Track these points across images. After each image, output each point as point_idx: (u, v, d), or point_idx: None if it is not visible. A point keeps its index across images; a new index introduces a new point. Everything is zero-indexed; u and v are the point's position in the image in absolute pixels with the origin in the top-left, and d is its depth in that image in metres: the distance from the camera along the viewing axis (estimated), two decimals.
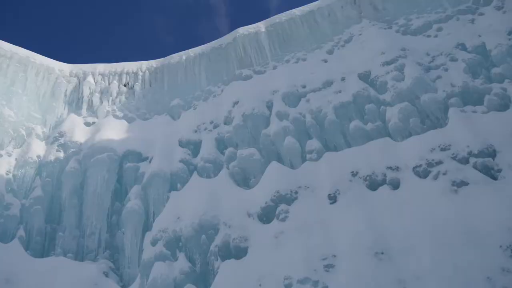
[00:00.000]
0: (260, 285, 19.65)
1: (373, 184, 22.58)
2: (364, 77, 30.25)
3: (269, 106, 31.52)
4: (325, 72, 32.39)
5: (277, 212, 23.03)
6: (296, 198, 23.32)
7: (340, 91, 29.97)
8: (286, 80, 33.04)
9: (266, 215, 23.61)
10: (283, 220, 22.44)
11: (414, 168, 22.28)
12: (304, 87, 31.95)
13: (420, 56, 29.44)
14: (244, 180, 27.80)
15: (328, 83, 31.29)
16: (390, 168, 22.82)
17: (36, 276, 26.85)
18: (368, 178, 22.90)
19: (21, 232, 29.86)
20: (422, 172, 21.95)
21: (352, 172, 23.41)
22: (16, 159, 33.37)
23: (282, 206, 23.06)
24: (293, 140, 28.04)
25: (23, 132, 35.28)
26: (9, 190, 31.34)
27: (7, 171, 32.20)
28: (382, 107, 27.68)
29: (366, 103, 28.25)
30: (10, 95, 36.32)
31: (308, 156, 26.85)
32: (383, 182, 22.48)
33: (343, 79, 30.98)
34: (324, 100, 29.96)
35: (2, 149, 33.53)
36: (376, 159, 23.56)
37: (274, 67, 35.61)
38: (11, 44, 39.31)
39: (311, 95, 30.92)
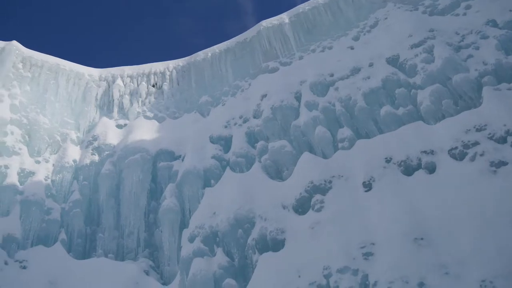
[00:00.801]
0: (299, 276, 19.61)
1: (408, 169, 22.19)
2: (393, 61, 29.75)
3: (298, 97, 31.36)
4: (352, 59, 31.99)
5: (312, 203, 22.90)
6: (330, 188, 23.13)
7: (368, 77, 29.56)
8: (313, 69, 32.78)
9: (301, 206, 23.52)
10: (319, 210, 22.30)
11: (449, 150, 21.78)
12: (331, 75, 31.63)
13: (449, 36, 28.72)
14: (277, 173, 27.78)
15: (356, 70, 30.90)
16: (425, 152, 22.35)
17: (79, 277, 27.54)
18: (402, 163, 22.51)
19: (62, 235, 30.70)
20: (458, 155, 21.43)
21: (386, 158, 23.06)
22: (53, 164, 34.24)
23: (317, 197, 22.92)
24: (324, 130, 27.84)
25: (58, 138, 36.12)
26: (49, 195, 32.18)
27: (46, 176, 33.05)
28: (413, 90, 27.17)
29: (396, 88, 27.78)
30: (44, 102, 37.26)
31: (340, 145, 26.61)
32: (418, 167, 22.06)
33: (371, 64, 30.53)
34: (353, 87, 29.60)
35: (40, 156, 34.43)
36: (410, 143, 23.14)
37: (300, 58, 35.37)
38: (41, 53, 40.25)
39: (340, 83, 30.59)
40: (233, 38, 40.54)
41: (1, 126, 33.52)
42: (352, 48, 33.36)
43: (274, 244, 22.40)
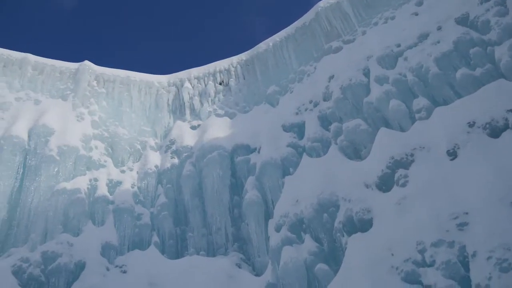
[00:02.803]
0: (392, 254, 19.08)
1: (495, 131, 20.87)
2: (462, 20, 28.12)
3: (366, 73, 30.53)
4: (418, 26, 30.60)
5: (395, 178, 22.18)
6: (413, 161, 22.27)
7: (438, 42, 28.16)
8: (378, 43, 31.75)
9: (385, 183, 22.86)
10: (404, 185, 21.57)
11: None
12: (398, 46, 30.48)
13: None
14: (355, 152, 27.26)
15: (423, 36, 29.54)
16: (511, 110, 20.97)
17: (176, 276, 28.66)
18: (487, 126, 21.21)
19: (155, 238, 32.13)
20: None
21: (469, 123, 21.83)
22: (137, 172, 35.91)
23: (400, 171, 22.16)
24: (398, 102, 26.91)
25: (139, 147, 37.84)
26: (137, 202, 33.81)
27: (132, 184, 34.75)
28: (488, 48, 25.54)
29: (470, 48, 26.24)
30: (120, 115, 39.16)
31: (417, 115, 25.57)
32: (505, 127, 20.68)
33: (439, 28, 29.06)
34: (423, 55, 28.32)
35: (124, 165, 36.25)
36: (493, 104, 21.74)
37: (363, 33, 34.40)
38: (112, 68, 42.18)
39: (408, 52, 29.40)
40: (292, 25, 40.18)
41: (86, 142, 35.68)
42: (416, 14, 31.93)
43: (361, 225, 21.99)
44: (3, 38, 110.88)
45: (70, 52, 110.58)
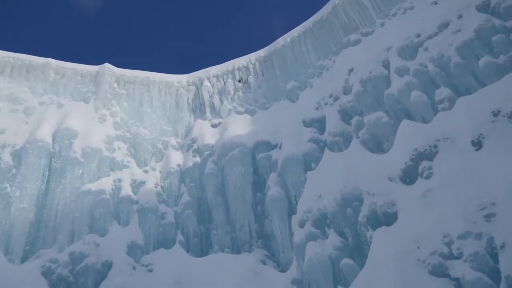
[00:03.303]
0: (418, 247, 18.89)
1: None
2: (484, 7, 27.54)
3: (386, 65, 30.18)
4: (437, 15, 30.10)
5: (419, 171, 21.92)
6: (437, 152, 21.97)
7: (459, 30, 27.66)
8: (397, 34, 31.35)
9: (409, 176, 22.63)
10: (428, 177, 21.31)
11: None
12: (418, 36, 30.04)
13: None
14: (377, 145, 27.00)
15: (444, 25, 29.04)
16: None
17: (202, 274, 28.85)
18: None
19: (179, 236, 32.37)
20: None
21: (493, 112, 21.39)
22: (160, 172, 36.27)
23: (424, 163, 21.89)
24: (419, 94, 26.53)
25: (160, 146, 38.20)
26: (161, 201, 34.15)
27: (155, 184, 35.11)
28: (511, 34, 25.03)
29: (492, 35, 25.69)
30: (142, 115, 39.59)
31: (439, 106, 25.20)
32: None
33: (459, 16, 28.54)
34: (443, 44, 27.87)
35: (147, 165, 36.67)
36: None
37: (382, 24, 34.00)
38: (131, 70, 42.61)
39: (428, 42, 28.95)
40: (309, 19, 39.93)
41: (109, 143, 36.18)
42: (435, 3, 31.40)
43: (386, 218, 21.82)
44: (24, 45, 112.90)
45: (90, 55, 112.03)
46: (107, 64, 42.03)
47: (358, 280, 20.44)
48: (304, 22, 40.09)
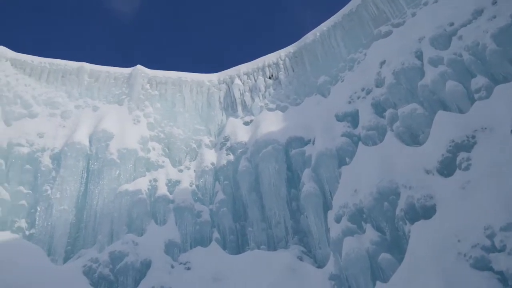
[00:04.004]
0: (458, 240, 18.46)
1: None
2: None
3: (419, 56, 29.57)
4: (471, 1, 29.24)
5: (457, 162, 21.40)
6: (475, 143, 21.41)
7: (494, 17, 26.84)
8: (429, 23, 30.66)
9: (446, 168, 22.12)
10: (467, 168, 20.79)
11: None
12: (451, 24, 29.31)
13: None
14: (413, 138, 26.49)
15: (478, 12, 28.23)
16: None
17: (239, 271, 29.04)
18: None
19: (216, 234, 32.67)
20: None
21: None
22: (194, 170, 36.67)
23: (462, 155, 21.37)
24: (455, 83, 25.87)
25: (194, 145, 38.62)
26: (196, 200, 34.51)
27: (190, 183, 35.52)
28: None
29: None
30: (175, 115, 40.16)
31: (476, 95, 24.49)
32: None
33: (494, 2, 27.68)
34: (478, 32, 27.08)
35: (181, 165, 37.17)
36: None
37: (413, 14, 33.34)
38: (163, 71, 43.24)
39: (462, 30, 28.21)
40: (338, 12, 39.53)
41: (144, 144, 36.86)
42: None
43: (424, 212, 21.41)
44: (59, 51, 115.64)
45: (121, 58, 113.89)
46: (139, 66, 42.77)
47: (397, 275, 20.18)
48: (333, 16, 39.72)
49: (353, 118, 32.01)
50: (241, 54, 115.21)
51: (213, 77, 43.60)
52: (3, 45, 40.68)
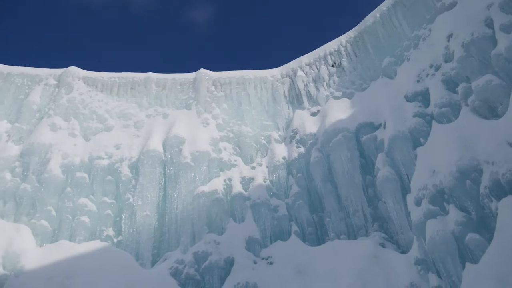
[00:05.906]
0: None
1: None
2: None
3: (489, 24, 27.90)
4: None
5: None
6: None
7: None
8: None
9: None
10: None
11: None
12: None
13: None
14: (490, 111, 25.11)
15: None
16: None
17: (321, 262, 29.06)
18: None
19: (294, 227, 32.88)
20: None
21: None
22: (267, 166, 37.07)
23: None
24: None
25: (264, 142, 39.01)
26: (272, 195, 34.89)
27: (264, 179, 35.97)
28: None
29: None
30: (242, 114, 40.74)
31: None
32: None
33: None
34: None
35: (253, 162, 37.70)
36: None
37: None
38: (226, 71, 44.00)
39: None
40: None
41: (215, 145, 37.82)
42: None
43: (511, 187, 20.32)
44: (125, 64, 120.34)
45: (183, 63, 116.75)
46: (202, 70, 43.80)
47: (487, 255, 19.29)
48: None
49: (423, 97, 30.91)
50: (300, 45, 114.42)
51: (276, 71, 43.70)
52: (74, 65, 42.91)
